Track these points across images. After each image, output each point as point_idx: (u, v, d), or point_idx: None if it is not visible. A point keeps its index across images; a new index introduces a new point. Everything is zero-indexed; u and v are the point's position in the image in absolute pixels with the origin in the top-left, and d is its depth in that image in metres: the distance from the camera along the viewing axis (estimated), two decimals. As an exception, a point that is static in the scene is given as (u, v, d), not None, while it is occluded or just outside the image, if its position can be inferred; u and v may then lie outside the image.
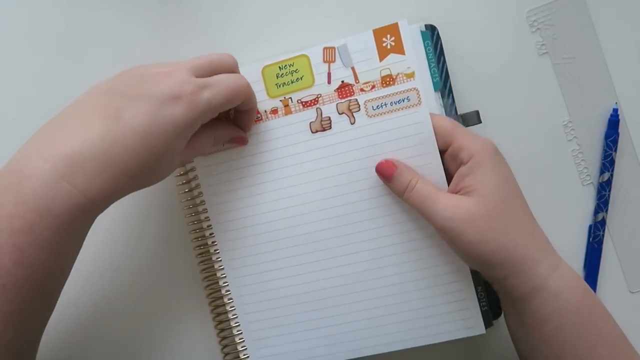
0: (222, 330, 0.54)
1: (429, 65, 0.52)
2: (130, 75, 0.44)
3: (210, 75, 0.46)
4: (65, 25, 0.56)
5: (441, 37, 0.53)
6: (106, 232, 0.55)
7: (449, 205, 0.46)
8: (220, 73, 0.46)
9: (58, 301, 0.44)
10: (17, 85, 0.56)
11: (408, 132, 0.50)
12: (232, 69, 0.48)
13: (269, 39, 0.55)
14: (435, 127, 0.49)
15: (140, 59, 0.54)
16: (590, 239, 0.55)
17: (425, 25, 0.52)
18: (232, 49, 0.55)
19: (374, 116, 0.50)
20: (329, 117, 0.51)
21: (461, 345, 0.55)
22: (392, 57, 0.50)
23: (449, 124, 0.49)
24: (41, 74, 0.56)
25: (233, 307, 0.53)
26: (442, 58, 0.52)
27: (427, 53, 0.52)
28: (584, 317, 0.44)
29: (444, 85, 0.52)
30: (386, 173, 0.49)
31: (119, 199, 0.43)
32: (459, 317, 0.51)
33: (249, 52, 0.55)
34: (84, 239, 0.44)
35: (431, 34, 0.52)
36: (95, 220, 0.43)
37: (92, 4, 0.55)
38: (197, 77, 0.45)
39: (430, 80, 0.52)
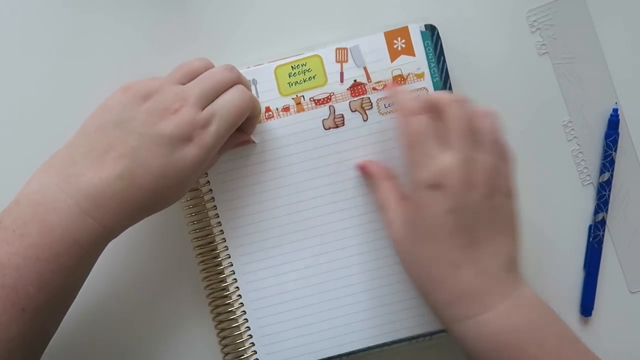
0: (222, 330, 0.54)
1: (429, 65, 0.52)
2: (137, 109, 0.45)
3: (216, 97, 0.47)
4: (68, 31, 0.55)
5: (441, 37, 0.53)
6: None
7: (390, 220, 0.48)
8: (224, 91, 0.47)
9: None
10: (16, 92, 0.56)
11: None
12: (235, 82, 0.48)
13: (269, 43, 0.55)
14: (404, 133, 0.47)
15: (144, 63, 0.54)
16: (590, 239, 0.55)
17: (425, 25, 0.53)
18: (234, 54, 0.55)
19: (386, 113, 0.52)
20: (342, 115, 0.53)
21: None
22: (402, 59, 0.52)
23: (415, 136, 0.46)
24: (42, 80, 0.56)
25: (241, 303, 0.53)
26: (442, 58, 0.53)
27: (427, 53, 0.52)
28: None
29: (444, 85, 0.53)
30: (364, 173, 0.52)
31: (142, 218, 0.47)
32: None
33: (247, 52, 0.55)
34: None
35: (431, 34, 0.52)
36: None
37: (93, 10, 0.55)
38: (203, 104, 0.46)
39: (431, 80, 0.52)
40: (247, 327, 0.53)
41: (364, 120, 0.53)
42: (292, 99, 0.53)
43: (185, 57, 0.54)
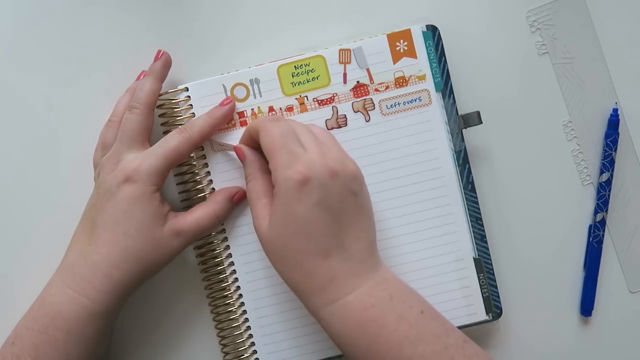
0: (222, 329, 0.54)
1: (431, 67, 0.53)
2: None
3: None
4: (65, 22, 0.55)
5: (442, 38, 0.53)
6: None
7: (257, 217, 0.48)
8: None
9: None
10: (16, 83, 0.56)
11: (419, 129, 0.53)
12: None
13: (268, 39, 0.55)
14: (263, 140, 0.47)
15: (140, 56, 0.54)
16: (590, 239, 0.55)
17: (427, 26, 0.53)
18: (231, 49, 0.55)
19: (388, 114, 0.53)
20: (345, 115, 0.53)
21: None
22: (405, 61, 0.53)
23: (276, 140, 0.46)
24: (42, 71, 0.56)
25: (242, 303, 0.53)
26: (443, 58, 0.53)
27: (428, 54, 0.53)
28: (362, 347, 0.45)
29: (445, 85, 0.53)
30: (239, 158, 0.51)
31: (127, 292, 0.49)
32: (463, 304, 0.53)
33: (247, 51, 0.55)
34: (99, 344, 0.49)
35: (432, 35, 0.52)
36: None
37: (91, 6, 0.55)
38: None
39: (432, 82, 0.53)
40: (248, 326, 0.53)
41: (367, 121, 0.53)
42: (296, 99, 0.53)
43: (183, 56, 0.55)
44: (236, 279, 0.53)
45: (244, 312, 0.53)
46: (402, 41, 0.53)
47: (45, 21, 0.55)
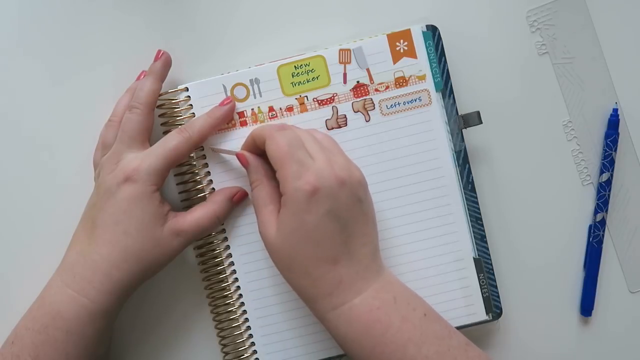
0: (222, 329, 0.54)
1: (431, 67, 0.53)
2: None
3: None
4: (65, 22, 0.55)
5: (442, 38, 0.53)
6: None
7: (264, 223, 0.48)
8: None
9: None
10: (16, 86, 0.56)
11: (419, 129, 0.53)
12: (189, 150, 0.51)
13: (268, 39, 0.55)
14: (270, 150, 0.47)
15: (140, 56, 0.54)
16: (590, 239, 0.55)
17: (427, 26, 0.53)
18: (231, 47, 0.55)
19: (388, 114, 0.53)
20: (345, 115, 0.53)
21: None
22: (405, 61, 0.53)
23: (284, 150, 0.46)
24: (41, 71, 0.56)
25: (242, 303, 0.53)
26: (443, 58, 0.53)
27: (428, 54, 0.53)
28: (367, 349, 0.45)
29: (445, 85, 0.53)
30: (242, 164, 0.51)
31: (127, 292, 0.49)
32: (463, 304, 0.53)
33: (247, 51, 0.55)
34: (99, 344, 0.49)
35: (432, 35, 0.53)
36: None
37: (89, 2, 0.55)
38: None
39: (432, 82, 0.53)
40: (248, 326, 0.53)
41: (367, 121, 0.53)
42: (296, 99, 0.53)
43: (183, 56, 0.55)
44: (236, 279, 0.53)
45: (244, 312, 0.54)
46: (402, 41, 0.53)
47: (45, 21, 0.55)
